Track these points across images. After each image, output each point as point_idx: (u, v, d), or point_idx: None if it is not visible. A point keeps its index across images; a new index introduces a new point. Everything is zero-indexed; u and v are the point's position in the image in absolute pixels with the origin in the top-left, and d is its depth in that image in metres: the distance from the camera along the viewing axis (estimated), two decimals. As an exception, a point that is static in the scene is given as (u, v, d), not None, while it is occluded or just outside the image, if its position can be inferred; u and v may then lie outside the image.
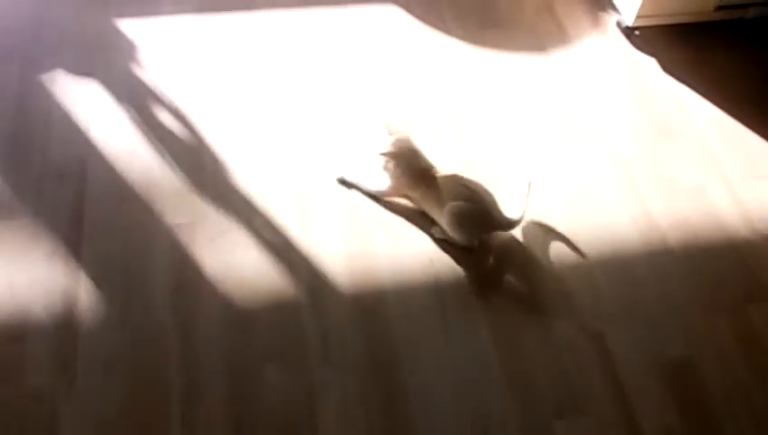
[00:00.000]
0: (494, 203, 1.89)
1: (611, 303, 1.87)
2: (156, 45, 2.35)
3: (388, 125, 1.98)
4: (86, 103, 2.16)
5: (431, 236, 1.94)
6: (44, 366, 1.66)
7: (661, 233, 2.02)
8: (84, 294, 1.78)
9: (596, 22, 2.59)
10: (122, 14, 2.42)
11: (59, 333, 1.71)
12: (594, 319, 1.84)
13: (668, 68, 2.46)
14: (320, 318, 1.78)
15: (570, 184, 2.11)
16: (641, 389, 1.73)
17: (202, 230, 1.91)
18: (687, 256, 1.98)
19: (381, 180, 1.97)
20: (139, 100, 2.19)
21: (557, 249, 1.96)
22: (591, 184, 2.12)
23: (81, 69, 2.25)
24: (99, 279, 1.81)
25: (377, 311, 1.81)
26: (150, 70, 2.27)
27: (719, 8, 2.51)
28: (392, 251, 1.92)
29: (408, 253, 1.92)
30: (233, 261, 1.86)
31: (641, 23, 2.48)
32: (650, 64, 2.47)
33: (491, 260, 1.93)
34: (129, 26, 2.39)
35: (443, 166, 1.96)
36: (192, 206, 1.96)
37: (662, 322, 1.85)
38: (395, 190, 1.97)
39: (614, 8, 2.56)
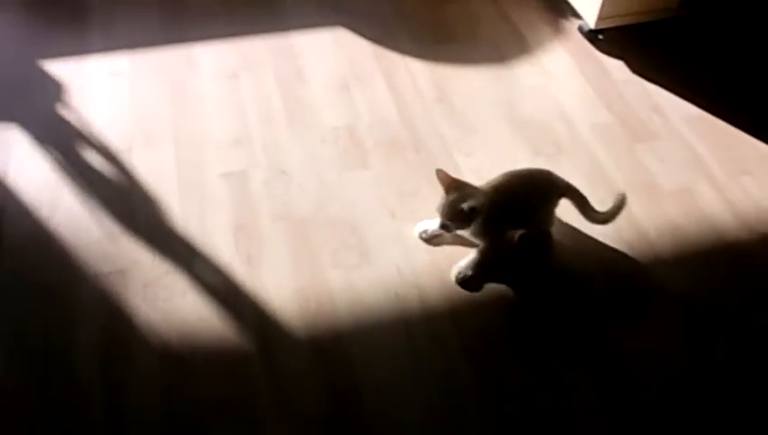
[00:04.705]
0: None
1: (609, 317, 1.67)
2: (83, 85, 2.16)
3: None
4: (4, 149, 1.96)
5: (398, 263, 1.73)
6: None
7: (650, 241, 1.83)
8: (-4, 361, 1.53)
9: (557, 29, 2.44)
10: (48, 55, 2.24)
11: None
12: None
13: (637, 69, 2.31)
14: (272, 367, 1.55)
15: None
16: (641, 404, 1.51)
17: (134, 277, 1.68)
18: (680, 263, 1.79)
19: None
20: (64, 143, 1.99)
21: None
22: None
23: (0, 112, 2.05)
24: (14, 344, 1.57)
25: (337, 354, 1.58)
26: (77, 111, 2.08)
27: (683, 4, 2.38)
28: (349, 285, 1.70)
29: (368, 285, 1.70)
30: (171, 309, 1.63)
31: (604, 24, 2.34)
32: (618, 67, 2.32)
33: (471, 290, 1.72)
34: (54, 66, 2.20)
35: (411, 183, 1.78)
36: (123, 252, 1.74)
37: (663, 333, 1.65)
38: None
39: (575, 14, 2.42)
